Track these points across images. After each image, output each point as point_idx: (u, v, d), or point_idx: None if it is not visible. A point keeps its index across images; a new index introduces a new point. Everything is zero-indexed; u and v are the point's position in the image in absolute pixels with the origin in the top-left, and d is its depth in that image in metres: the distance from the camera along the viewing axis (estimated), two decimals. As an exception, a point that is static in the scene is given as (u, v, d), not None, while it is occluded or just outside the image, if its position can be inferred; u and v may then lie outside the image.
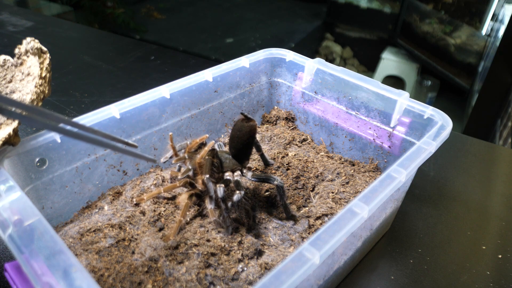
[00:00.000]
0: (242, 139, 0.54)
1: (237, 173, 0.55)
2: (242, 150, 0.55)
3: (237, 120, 0.55)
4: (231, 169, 0.55)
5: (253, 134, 0.55)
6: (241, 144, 0.54)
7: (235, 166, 0.55)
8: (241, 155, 0.56)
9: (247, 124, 0.54)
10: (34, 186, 0.52)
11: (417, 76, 2.54)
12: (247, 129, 0.54)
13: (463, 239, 0.66)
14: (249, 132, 0.54)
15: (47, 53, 0.48)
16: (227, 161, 0.55)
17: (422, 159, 0.52)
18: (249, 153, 0.56)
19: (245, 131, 0.54)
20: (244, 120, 0.54)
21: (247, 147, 0.55)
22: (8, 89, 0.49)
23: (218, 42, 2.84)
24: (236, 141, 0.54)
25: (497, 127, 1.70)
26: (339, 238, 0.40)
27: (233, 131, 0.55)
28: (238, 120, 0.55)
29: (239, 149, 0.55)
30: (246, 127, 0.54)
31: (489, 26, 2.19)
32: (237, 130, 0.54)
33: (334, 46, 2.94)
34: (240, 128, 0.54)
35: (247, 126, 0.54)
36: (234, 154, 0.55)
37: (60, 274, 0.34)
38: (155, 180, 0.60)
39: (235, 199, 0.50)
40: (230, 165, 0.55)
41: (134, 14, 2.99)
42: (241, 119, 0.55)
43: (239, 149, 0.55)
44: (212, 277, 0.45)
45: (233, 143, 0.55)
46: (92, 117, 0.56)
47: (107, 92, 1.02)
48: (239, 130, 0.54)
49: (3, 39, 1.27)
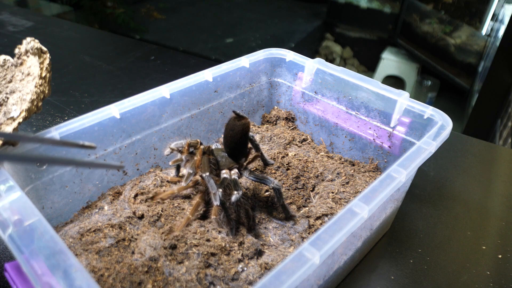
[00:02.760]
0: (235, 137, 0.54)
1: (234, 171, 0.55)
2: (236, 148, 0.55)
3: (229, 119, 0.55)
4: (228, 167, 0.55)
5: (246, 131, 0.54)
6: (235, 142, 0.54)
7: (231, 164, 0.55)
8: (236, 153, 0.56)
9: (239, 122, 0.53)
10: (34, 186, 0.52)
11: (417, 76, 2.54)
12: (239, 128, 0.53)
13: (463, 239, 0.66)
14: (241, 131, 0.54)
15: (47, 53, 0.48)
16: (223, 159, 0.55)
17: (422, 159, 0.52)
18: (244, 151, 0.56)
19: (238, 129, 0.53)
20: (236, 118, 0.54)
21: (241, 145, 0.55)
22: (8, 89, 0.49)
23: (218, 42, 2.84)
24: (230, 140, 0.54)
25: (497, 127, 1.70)
26: (339, 238, 0.40)
27: (226, 131, 0.55)
28: (230, 119, 0.54)
29: (233, 148, 0.55)
30: (238, 126, 0.53)
31: (489, 26, 2.19)
32: (229, 129, 0.54)
33: (334, 46, 2.94)
34: (232, 127, 0.54)
35: (239, 125, 0.53)
36: (229, 153, 0.55)
37: (60, 274, 0.34)
38: (154, 180, 0.61)
39: (233, 200, 0.50)
40: (226, 163, 0.55)
41: (134, 14, 2.99)
42: (233, 117, 0.54)
43: (233, 147, 0.55)
44: (212, 277, 0.45)
45: (227, 142, 0.55)
46: (92, 117, 0.56)
47: (107, 92, 1.02)
48: (231, 129, 0.54)
49: (3, 39, 1.27)
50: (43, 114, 0.90)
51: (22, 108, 0.46)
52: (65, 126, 0.53)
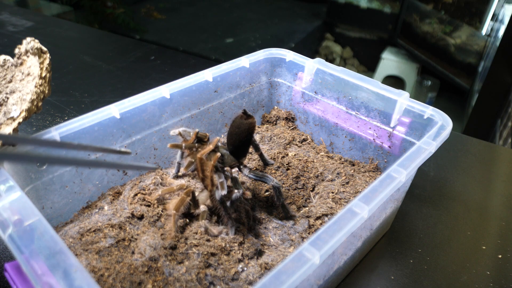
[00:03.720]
0: (240, 136, 0.54)
1: (234, 169, 0.55)
2: (240, 147, 0.55)
3: (236, 116, 0.55)
4: (229, 165, 0.55)
5: (252, 131, 0.54)
6: (239, 141, 0.54)
7: (233, 162, 0.55)
8: (239, 152, 0.55)
9: (246, 121, 0.53)
10: (34, 186, 0.52)
11: (417, 76, 2.54)
12: (246, 126, 0.53)
13: (463, 239, 0.66)
14: (247, 130, 0.54)
15: (47, 53, 0.48)
16: (225, 156, 0.55)
17: (422, 159, 0.52)
18: (246, 150, 0.56)
19: (244, 128, 0.53)
20: (243, 117, 0.54)
21: (245, 144, 0.55)
22: (8, 89, 0.49)
23: (218, 42, 2.83)
24: (235, 138, 0.54)
25: (497, 127, 1.70)
26: (339, 238, 0.40)
27: (232, 128, 0.54)
28: (237, 117, 0.54)
29: (237, 146, 0.55)
30: (245, 124, 0.53)
31: (489, 26, 2.18)
32: (235, 127, 0.54)
33: (334, 46, 2.94)
34: (239, 125, 0.53)
35: (246, 123, 0.53)
36: (231, 150, 0.55)
37: (60, 274, 0.34)
38: (153, 179, 0.61)
39: (234, 198, 0.50)
40: (228, 161, 0.55)
41: (134, 14, 2.99)
42: (240, 115, 0.54)
43: (237, 145, 0.55)
44: (212, 277, 0.45)
45: (231, 140, 0.55)
46: (92, 117, 0.56)
47: (107, 92, 1.02)
48: (237, 127, 0.54)
49: (3, 39, 1.27)
50: (43, 114, 0.90)
51: (22, 108, 0.46)
52: (65, 126, 0.53)
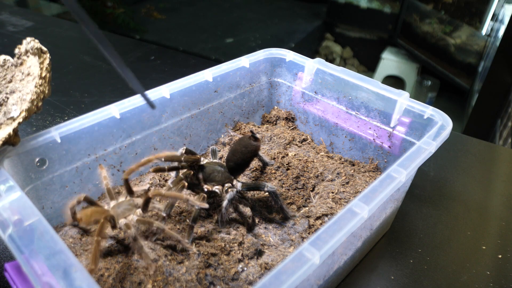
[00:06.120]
0: (245, 155, 0.55)
1: (227, 185, 0.56)
2: (241, 165, 0.56)
3: (245, 136, 0.56)
4: (222, 183, 0.56)
5: (256, 154, 0.56)
6: (242, 159, 0.55)
7: (227, 180, 0.56)
8: (238, 169, 0.56)
9: (254, 143, 0.55)
10: (34, 186, 0.52)
11: (417, 76, 2.54)
12: (252, 148, 0.54)
13: (463, 239, 0.66)
14: (253, 151, 0.55)
15: (47, 53, 0.48)
16: (219, 174, 0.55)
17: (422, 159, 0.52)
18: (244, 169, 0.57)
19: (251, 149, 0.54)
20: (252, 138, 0.55)
21: (246, 164, 0.56)
22: (8, 89, 0.49)
23: (218, 42, 2.83)
24: (239, 156, 0.55)
25: (497, 127, 1.70)
26: (339, 238, 0.40)
27: (238, 146, 0.55)
28: (246, 137, 0.56)
29: (238, 164, 0.55)
30: (252, 145, 0.54)
31: (489, 26, 2.18)
32: (243, 146, 0.55)
33: (334, 46, 2.94)
34: (247, 145, 0.55)
35: (254, 145, 0.54)
36: (231, 166, 0.56)
37: (60, 274, 0.34)
38: (152, 179, 0.61)
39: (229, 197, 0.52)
40: (221, 179, 0.56)
41: (134, 14, 2.99)
42: (248, 136, 0.55)
43: (239, 163, 0.55)
44: (212, 277, 0.45)
45: (235, 157, 0.55)
46: (92, 117, 0.56)
47: (107, 92, 1.02)
48: (245, 146, 0.55)
49: (3, 39, 1.27)
50: (43, 114, 0.90)
51: (22, 108, 0.46)
52: (65, 126, 0.53)
